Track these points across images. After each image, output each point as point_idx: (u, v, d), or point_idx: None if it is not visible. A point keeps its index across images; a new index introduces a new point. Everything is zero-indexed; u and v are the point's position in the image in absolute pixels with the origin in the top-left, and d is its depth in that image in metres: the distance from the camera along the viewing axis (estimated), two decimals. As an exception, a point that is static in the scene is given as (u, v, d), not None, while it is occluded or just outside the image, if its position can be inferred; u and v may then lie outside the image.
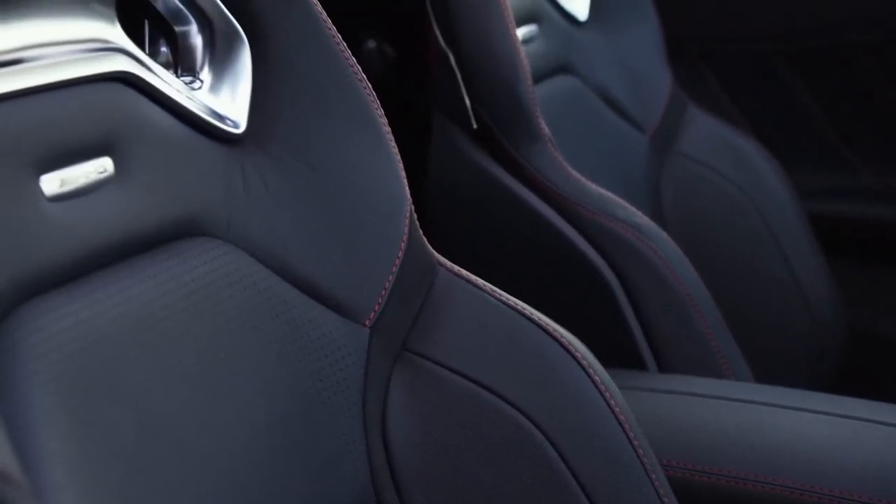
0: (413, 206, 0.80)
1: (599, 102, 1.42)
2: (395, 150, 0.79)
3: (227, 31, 0.74)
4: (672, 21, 1.55)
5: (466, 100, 1.20)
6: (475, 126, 1.21)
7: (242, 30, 0.75)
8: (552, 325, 0.79)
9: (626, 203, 1.22)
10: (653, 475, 0.77)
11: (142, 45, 0.73)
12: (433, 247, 0.81)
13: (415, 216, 0.80)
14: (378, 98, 0.79)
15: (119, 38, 0.68)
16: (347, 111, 0.77)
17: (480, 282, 0.80)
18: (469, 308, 0.79)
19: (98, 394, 0.59)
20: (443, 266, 0.81)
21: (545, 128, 1.20)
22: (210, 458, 0.64)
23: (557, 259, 1.20)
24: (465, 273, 0.81)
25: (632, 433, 0.77)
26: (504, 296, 0.80)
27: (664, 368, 1.16)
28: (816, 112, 1.70)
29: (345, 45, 0.78)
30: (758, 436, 0.97)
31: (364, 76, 0.78)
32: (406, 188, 0.79)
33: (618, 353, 1.15)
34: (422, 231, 0.81)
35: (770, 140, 1.61)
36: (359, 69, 0.78)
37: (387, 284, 0.76)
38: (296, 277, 0.74)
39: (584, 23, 1.44)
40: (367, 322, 0.76)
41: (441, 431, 0.76)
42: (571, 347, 0.78)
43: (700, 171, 1.48)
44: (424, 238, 0.81)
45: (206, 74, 0.74)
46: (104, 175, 0.64)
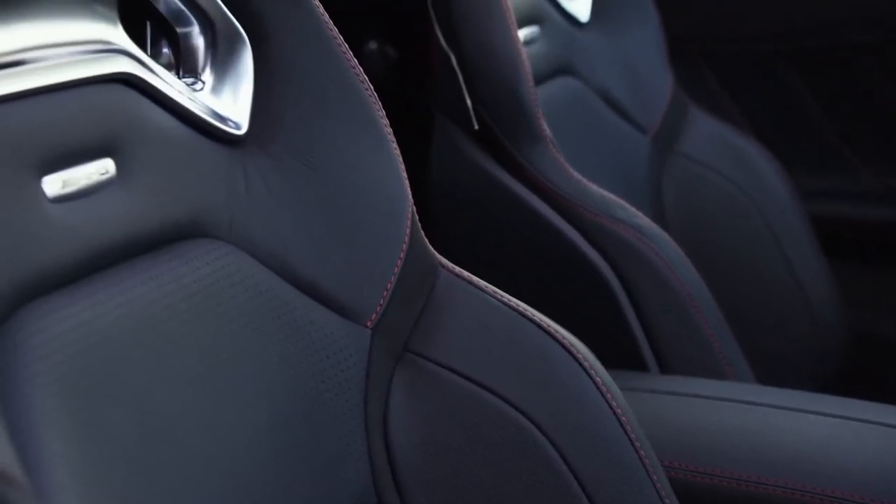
0: (415, 208, 0.80)
1: (601, 104, 1.42)
2: (397, 152, 0.79)
3: (229, 33, 0.74)
4: (672, 20, 1.55)
5: (468, 101, 1.20)
6: (476, 127, 1.21)
7: (244, 31, 0.75)
8: (553, 327, 0.79)
9: (628, 204, 1.22)
10: (654, 476, 0.77)
11: (144, 47, 0.73)
12: (434, 247, 0.81)
13: (416, 217, 0.80)
14: (379, 99, 0.79)
15: (121, 40, 0.68)
16: (349, 112, 0.77)
17: (482, 283, 0.80)
18: (470, 309, 0.79)
19: (100, 395, 0.59)
20: (444, 267, 0.81)
21: (547, 129, 1.20)
22: (212, 460, 0.64)
23: (558, 260, 1.20)
24: (467, 274, 0.81)
25: (633, 434, 0.77)
26: (505, 297, 0.80)
27: (665, 369, 1.16)
28: (816, 112, 1.70)
29: (346, 47, 0.78)
30: (759, 437, 0.97)
31: (366, 77, 0.78)
32: (408, 189, 0.79)
33: (619, 355, 1.15)
34: (423, 232, 0.81)
35: (770, 140, 1.61)
36: (360, 70, 0.78)
37: (388, 286, 0.76)
38: (297, 278, 0.74)
39: (586, 24, 1.44)
40: (369, 323, 0.76)
41: (442, 432, 0.76)
42: (573, 348, 0.78)
43: (701, 172, 1.48)
44: (426, 239, 0.81)
45: (208, 76, 0.74)
46: (106, 176, 0.64)
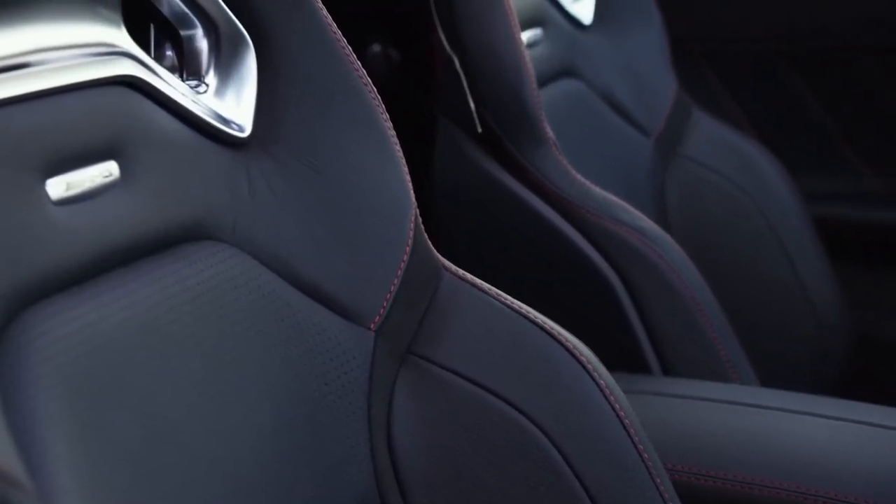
0: (418, 210, 0.80)
1: (604, 106, 1.42)
2: (400, 154, 0.79)
3: (233, 35, 0.74)
4: (674, 22, 1.55)
5: (471, 103, 1.20)
6: (480, 130, 1.21)
7: (247, 33, 0.75)
8: (557, 329, 0.78)
9: (631, 207, 1.22)
10: (657, 479, 0.77)
11: (147, 49, 0.73)
12: (437, 250, 0.81)
13: (419, 220, 0.80)
14: (383, 101, 0.79)
15: (125, 42, 0.68)
16: (352, 115, 0.77)
17: (485, 286, 0.80)
18: (474, 312, 0.79)
19: (104, 397, 0.59)
20: (448, 270, 0.81)
21: (550, 131, 1.20)
22: (216, 462, 0.64)
23: (562, 263, 1.19)
24: (470, 277, 0.81)
25: (636, 437, 0.77)
26: (509, 300, 0.80)
27: (669, 372, 1.16)
28: (818, 113, 1.70)
29: (350, 49, 0.78)
30: (763, 440, 0.96)
31: (369, 80, 0.78)
32: (411, 192, 0.79)
33: (622, 357, 1.15)
34: (426, 234, 0.81)
35: (771, 140, 1.61)
36: (363, 73, 0.78)
37: (392, 288, 0.76)
38: (300, 281, 0.74)
39: (589, 26, 1.44)
40: (372, 326, 0.76)
41: (446, 435, 0.76)
42: (576, 351, 0.78)
43: (704, 175, 1.48)
44: (429, 242, 0.81)
45: (212, 78, 0.75)
46: (110, 179, 0.64)
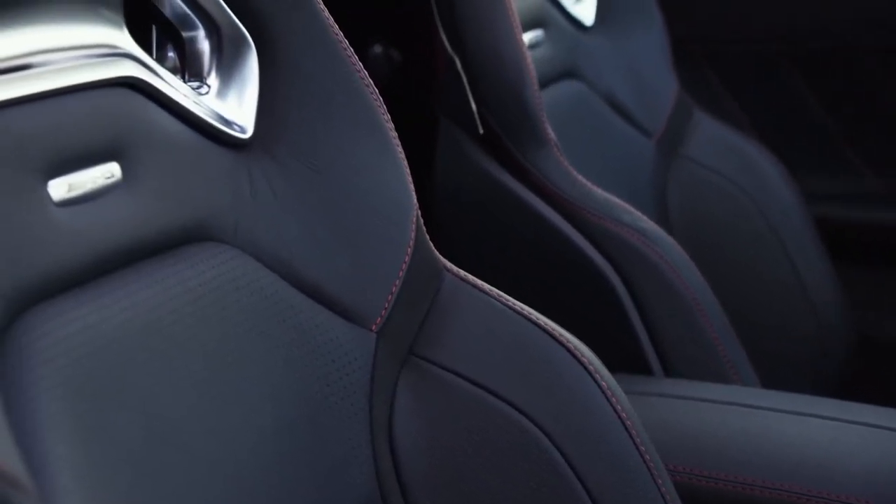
0: (419, 211, 0.80)
1: (605, 107, 1.42)
2: (402, 156, 0.79)
3: (235, 36, 0.74)
4: (675, 22, 1.55)
5: (473, 104, 1.20)
6: (481, 131, 1.21)
7: (249, 35, 0.75)
8: (558, 330, 0.78)
9: (632, 208, 1.22)
10: (659, 480, 0.77)
11: (149, 51, 0.73)
12: (438, 251, 0.81)
13: (421, 221, 0.80)
14: (384, 103, 0.79)
15: (127, 44, 0.68)
16: (354, 116, 0.77)
17: (487, 287, 0.80)
18: (475, 313, 0.79)
19: (105, 398, 0.59)
20: (449, 271, 0.81)
21: (551, 133, 1.20)
22: (217, 463, 0.64)
23: (563, 264, 1.20)
24: (472, 278, 0.81)
25: (638, 438, 0.77)
26: (510, 301, 0.80)
27: (670, 373, 1.16)
28: (819, 113, 1.70)
29: (351, 50, 0.78)
30: (764, 441, 0.96)
31: (370, 81, 0.78)
32: (413, 193, 0.79)
33: (624, 358, 1.15)
34: (427, 235, 0.81)
35: (772, 141, 1.61)
36: (365, 74, 0.78)
37: (393, 289, 0.76)
38: (302, 282, 0.74)
39: (591, 28, 1.44)
40: (374, 327, 0.76)
41: (447, 436, 0.76)
42: (578, 352, 0.78)
43: (706, 176, 1.48)
44: (431, 243, 0.81)
45: (214, 79, 0.75)
46: (112, 180, 0.64)
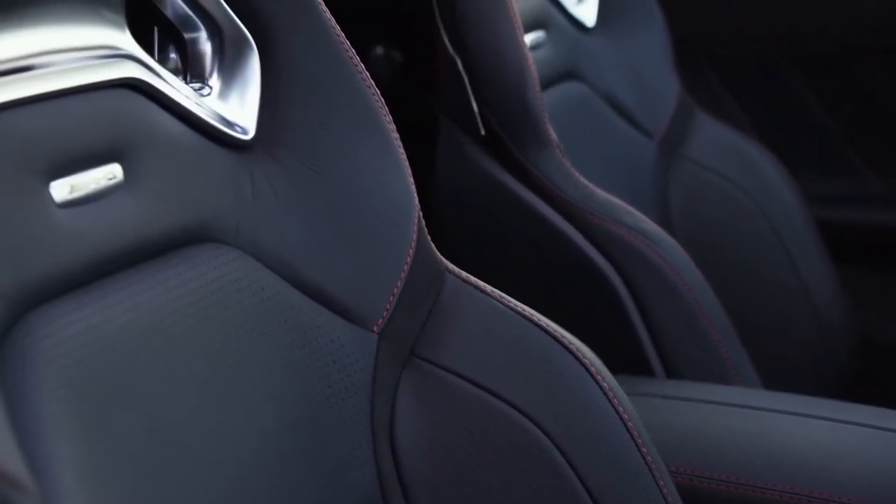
0: (421, 213, 0.80)
1: (607, 108, 1.42)
2: (404, 157, 0.79)
3: (236, 38, 0.74)
4: (675, 22, 1.55)
5: (474, 106, 1.20)
6: (483, 132, 1.21)
7: (251, 36, 0.75)
8: (560, 332, 0.79)
9: (634, 209, 1.22)
10: (661, 481, 0.77)
11: (151, 52, 0.73)
12: (440, 252, 0.81)
13: (423, 222, 0.80)
14: (386, 104, 0.79)
15: (128, 45, 0.68)
16: (355, 117, 0.77)
17: (488, 288, 0.80)
18: (477, 314, 0.79)
19: (107, 399, 0.59)
20: (451, 272, 0.81)
21: (553, 134, 1.20)
22: (219, 464, 0.64)
23: (565, 265, 1.20)
24: (474, 279, 0.81)
25: (640, 439, 0.77)
26: (512, 302, 0.80)
27: (672, 374, 1.16)
28: (819, 113, 1.70)
29: (353, 52, 0.78)
30: (766, 442, 0.96)
31: (372, 82, 0.78)
32: (414, 194, 0.79)
33: (625, 359, 1.15)
34: (429, 237, 0.81)
35: (771, 141, 1.61)
36: (367, 75, 0.78)
37: (395, 290, 0.76)
38: (304, 283, 0.74)
39: (592, 29, 1.44)
40: (376, 328, 0.76)
41: (449, 437, 0.76)
42: (579, 353, 0.78)
43: (708, 177, 1.48)
44: (432, 244, 0.81)
45: (216, 81, 0.75)
46: (113, 181, 0.64)
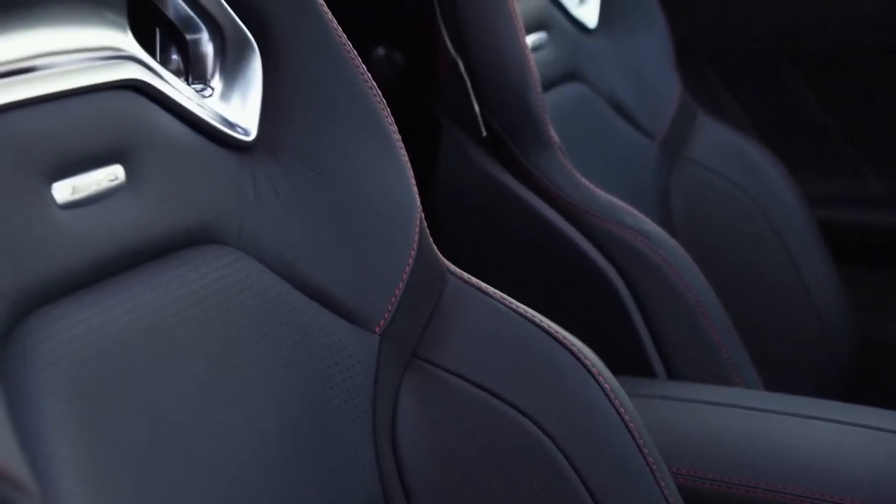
0: (423, 214, 0.80)
1: (609, 110, 1.42)
2: (405, 158, 0.79)
3: (238, 39, 0.74)
4: (676, 22, 1.55)
5: (476, 107, 1.20)
6: (484, 133, 1.21)
7: (253, 37, 0.75)
8: (562, 333, 0.78)
9: (635, 210, 1.22)
10: (662, 483, 0.77)
11: (153, 53, 0.73)
12: (442, 253, 0.81)
13: (424, 223, 0.80)
14: (387, 105, 0.79)
15: (130, 46, 0.68)
16: (357, 118, 0.77)
17: (490, 289, 0.80)
18: (479, 316, 0.79)
19: (109, 401, 0.59)
20: (452, 273, 0.81)
21: (554, 135, 1.20)
22: (221, 466, 0.64)
23: (566, 266, 1.19)
24: (475, 280, 0.81)
25: (641, 441, 0.77)
26: (514, 303, 0.80)
27: (673, 376, 1.16)
28: (819, 113, 1.70)
29: (355, 53, 0.78)
30: (768, 443, 0.96)
31: (374, 83, 0.78)
32: (416, 196, 0.79)
33: (627, 361, 1.15)
34: (431, 238, 0.81)
35: (772, 141, 1.61)
36: (368, 77, 0.78)
37: (397, 292, 0.76)
38: (306, 285, 0.74)
39: (594, 30, 1.44)
40: (377, 329, 0.76)
41: (451, 439, 0.76)
42: (581, 355, 0.78)
43: (709, 178, 1.48)
44: (434, 245, 0.81)
45: (217, 82, 0.75)
46: (115, 183, 0.64)
